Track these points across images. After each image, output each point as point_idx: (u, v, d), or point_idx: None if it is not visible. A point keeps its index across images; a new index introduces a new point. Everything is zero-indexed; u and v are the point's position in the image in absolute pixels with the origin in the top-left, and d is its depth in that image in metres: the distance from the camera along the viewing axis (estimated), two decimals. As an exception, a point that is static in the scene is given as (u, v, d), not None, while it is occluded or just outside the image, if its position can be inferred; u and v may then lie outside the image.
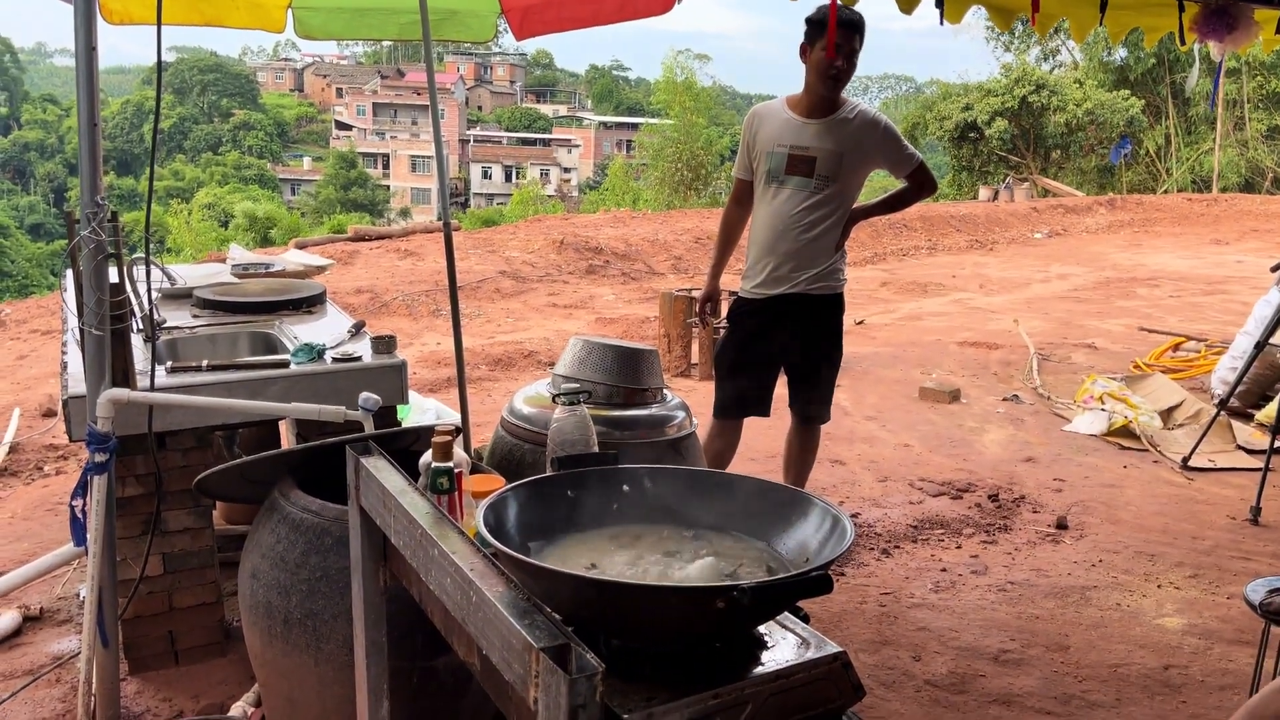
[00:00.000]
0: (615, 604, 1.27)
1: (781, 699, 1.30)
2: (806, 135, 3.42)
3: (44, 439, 5.09)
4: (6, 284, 34.64)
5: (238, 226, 33.84)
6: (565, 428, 1.92)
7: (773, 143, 3.48)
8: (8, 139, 56.94)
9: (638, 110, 70.23)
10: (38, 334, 7.72)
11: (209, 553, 2.91)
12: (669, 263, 11.40)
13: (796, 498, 1.53)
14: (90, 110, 2.24)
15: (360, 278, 9.40)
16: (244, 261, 4.41)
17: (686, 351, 6.80)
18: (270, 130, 60.09)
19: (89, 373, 2.41)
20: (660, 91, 32.13)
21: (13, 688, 2.77)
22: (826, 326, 3.58)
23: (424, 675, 2.27)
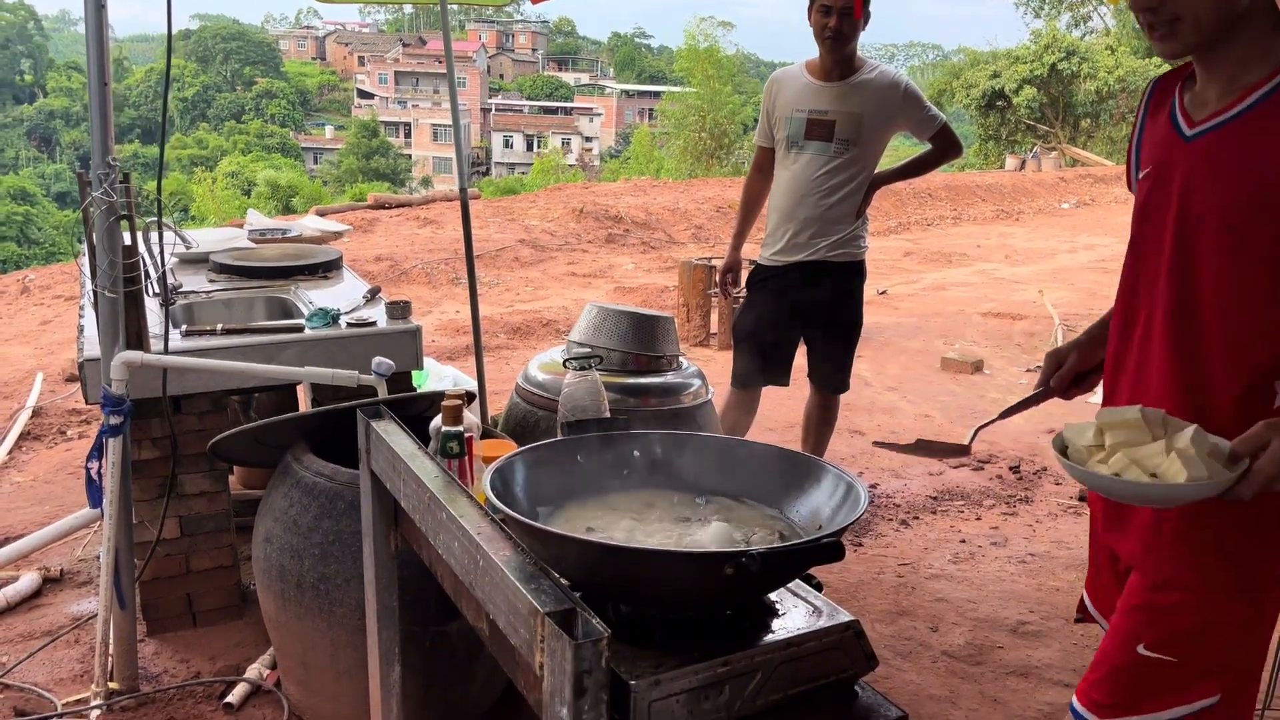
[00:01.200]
0: (623, 569, 1.25)
1: (792, 667, 1.28)
2: (825, 99, 3.36)
3: (66, 403, 5.13)
4: (34, 251, 34.96)
5: (260, 195, 33.95)
6: (576, 393, 1.89)
7: (791, 108, 3.42)
8: (33, 107, 57.25)
9: (660, 79, 69.69)
10: (61, 299, 7.78)
11: (225, 516, 2.92)
12: (689, 232, 11.33)
13: (810, 464, 1.50)
14: (100, 70, 2.22)
15: (380, 245, 9.40)
16: (261, 227, 4.40)
17: (705, 321, 6.77)
18: (292, 99, 60.09)
19: (102, 335, 2.41)
20: (683, 59, 31.80)
21: (32, 648, 2.80)
22: (846, 294, 3.53)
23: (436, 640, 2.26)
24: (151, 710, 2.53)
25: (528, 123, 59.50)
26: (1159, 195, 1.46)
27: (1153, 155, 1.50)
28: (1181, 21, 1.35)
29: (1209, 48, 1.38)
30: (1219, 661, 1.49)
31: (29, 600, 3.09)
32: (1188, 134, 1.43)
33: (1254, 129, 1.35)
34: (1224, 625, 1.47)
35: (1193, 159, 1.41)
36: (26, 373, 5.68)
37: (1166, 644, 1.48)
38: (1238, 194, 1.36)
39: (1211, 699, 1.49)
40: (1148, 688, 1.50)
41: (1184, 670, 1.48)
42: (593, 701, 1.04)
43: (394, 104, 59.92)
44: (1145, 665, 1.50)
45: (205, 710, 2.54)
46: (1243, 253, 1.37)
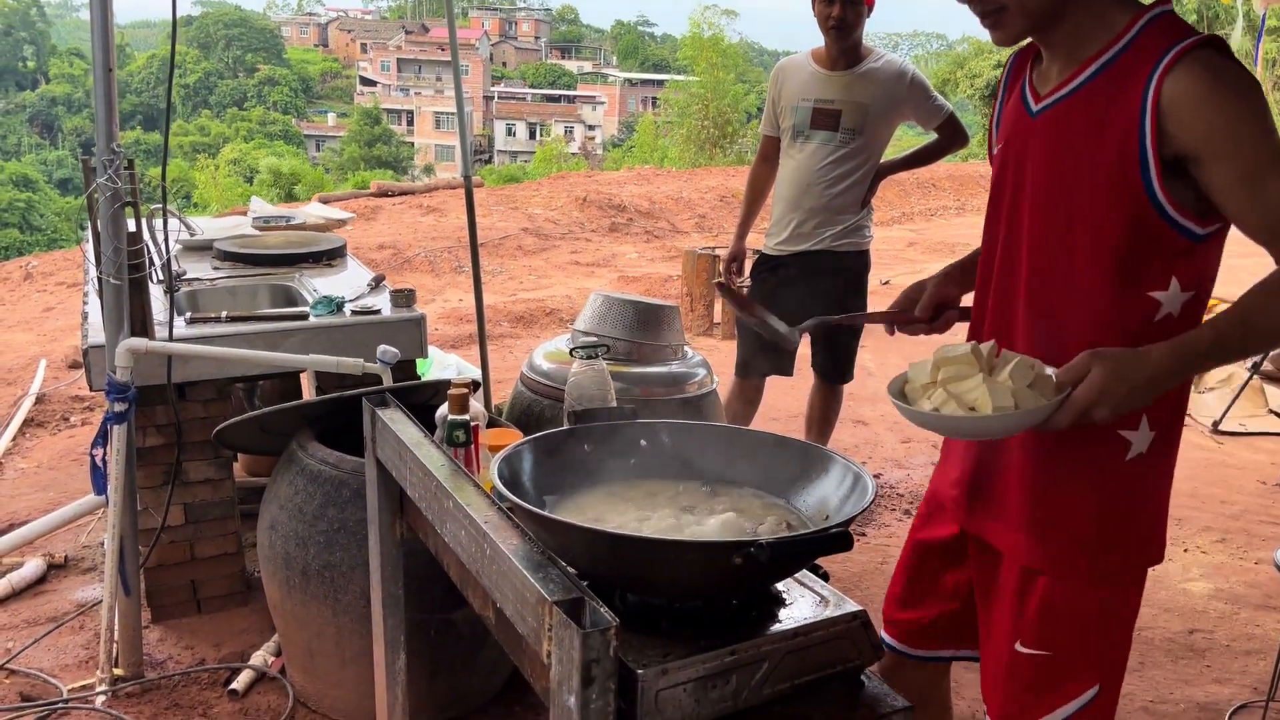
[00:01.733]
0: (631, 558, 1.24)
1: (799, 657, 1.28)
2: (831, 88, 3.35)
3: (70, 390, 5.14)
4: (36, 237, 34.95)
5: (262, 182, 33.90)
6: (582, 382, 1.89)
7: (797, 97, 3.41)
8: (35, 93, 57.14)
9: (663, 67, 69.46)
10: (64, 286, 7.78)
11: (230, 503, 2.92)
12: (693, 221, 11.31)
13: (817, 454, 1.50)
14: (105, 56, 2.22)
15: (383, 233, 9.39)
16: (265, 214, 4.40)
17: (709, 310, 6.76)
18: (295, 86, 59.95)
19: (107, 322, 2.40)
20: (687, 47, 31.67)
21: (37, 634, 2.81)
22: (851, 284, 3.52)
23: (441, 627, 2.27)
24: (157, 696, 2.54)
25: (530, 111, 59.35)
26: (1008, 171, 1.48)
27: (1004, 131, 1.51)
28: (1007, 10, 1.36)
29: (1042, 29, 1.39)
30: (1093, 649, 1.50)
31: (34, 586, 3.10)
32: (1034, 109, 1.44)
33: (1091, 101, 1.36)
34: (1088, 611, 1.48)
35: (1037, 134, 1.43)
36: (30, 359, 5.69)
37: (1042, 639, 1.49)
38: (1074, 166, 1.37)
39: (1092, 690, 1.50)
40: (1032, 688, 1.51)
41: (1061, 663, 1.49)
42: (600, 690, 1.04)
43: (396, 91, 59.78)
44: (1024, 664, 1.50)
45: (210, 697, 2.55)
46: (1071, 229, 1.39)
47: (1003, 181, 1.50)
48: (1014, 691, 1.53)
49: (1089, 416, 1.28)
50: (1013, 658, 1.52)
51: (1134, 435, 1.42)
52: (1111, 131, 1.33)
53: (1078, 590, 1.48)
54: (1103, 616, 1.49)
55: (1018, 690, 1.53)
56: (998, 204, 1.51)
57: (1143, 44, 1.33)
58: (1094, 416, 1.28)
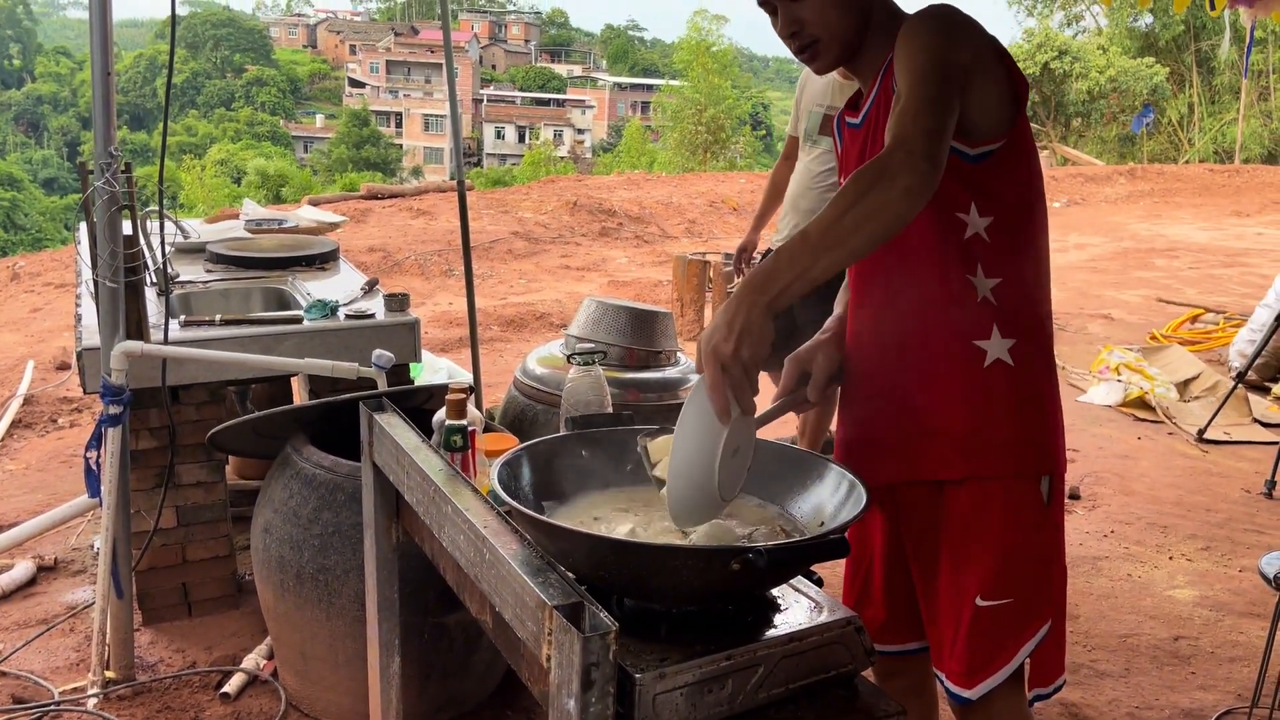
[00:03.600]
0: (630, 564, 1.26)
1: (794, 661, 1.30)
2: (842, 96, 3.41)
3: (58, 391, 5.12)
4: (21, 237, 34.75)
5: (250, 183, 33.81)
6: (580, 388, 1.90)
7: (813, 102, 3.52)
8: (21, 92, 56.81)
9: (653, 71, 69.58)
10: (51, 287, 7.74)
11: (222, 506, 2.92)
12: (683, 226, 11.34)
13: (812, 461, 1.52)
14: (104, 59, 2.22)
15: (373, 236, 9.38)
16: (257, 217, 4.40)
17: (700, 316, 6.78)
18: (283, 87, 59.79)
19: (103, 325, 2.41)
20: (683, 51, 31.76)
21: (28, 636, 2.80)
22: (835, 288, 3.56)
23: (435, 631, 2.28)
24: (148, 699, 2.54)
25: (520, 114, 59.34)
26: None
27: (846, 158, 1.68)
28: (820, 41, 1.53)
29: (850, 57, 1.57)
30: (1042, 584, 1.59)
31: (24, 588, 3.09)
32: (858, 122, 1.61)
33: (884, 93, 1.52)
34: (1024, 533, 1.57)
35: (863, 137, 1.59)
36: (17, 360, 5.66)
37: (998, 586, 1.56)
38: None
39: (1045, 626, 1.59)
40: (995, 638, 1.57)
41: (1019, 608, 1.57)
42: (600, 694, 1.05)
43: (385, 93, 59.66)
44: (985, 616, 1.56)
45: (202, 700, 2.55)
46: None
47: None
48: (978, 647, 1.58)
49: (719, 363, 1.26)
50: (974, 614, 1.57)
51: (986, 344, 1.53)
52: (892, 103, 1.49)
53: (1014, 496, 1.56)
54: (1043, 546, 1.60)
55: (982, 645, 1.58)
56: None
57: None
58: (722, 356, 1.26)
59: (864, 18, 1.53)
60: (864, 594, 1.79)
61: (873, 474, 1.64)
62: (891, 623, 1.77)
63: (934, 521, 1.62)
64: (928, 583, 1.66)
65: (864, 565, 1.78)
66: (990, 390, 1.54)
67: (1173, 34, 26.48)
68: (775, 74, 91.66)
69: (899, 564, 1.71)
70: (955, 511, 1.59)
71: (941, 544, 1.61)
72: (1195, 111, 26.59)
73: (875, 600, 1.77)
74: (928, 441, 1.58)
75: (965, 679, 1.60)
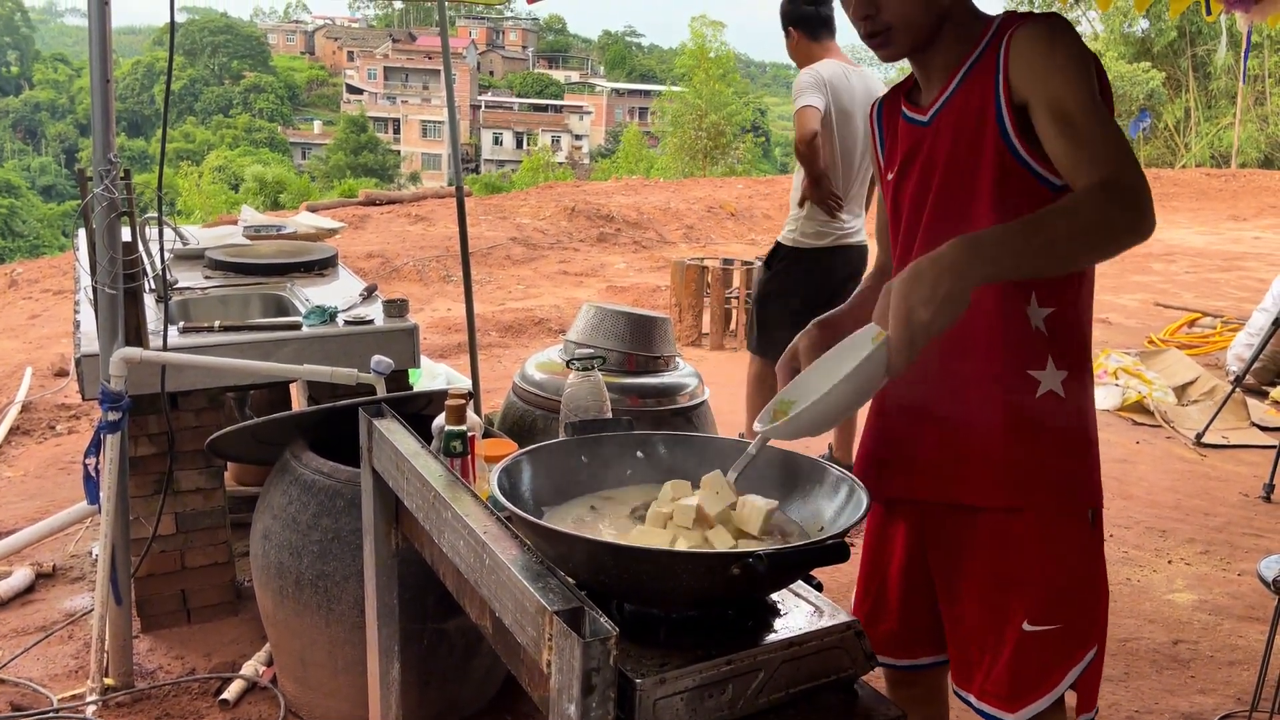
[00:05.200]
0: (629, 569, 1.26)
1: (794, 666, 1.30)
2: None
3: (56, 398, 5.12)
4: (19, 244, 34.74)
5: (248, 190, 33.81)
6: (579, 393, 1.91)
7: None
8: (19, 99, 56.83)
9: (651, 77, 69.70)
10: (49, 293, 7.74)
11: (221, 512, 2.92)
12: (681, 231, 11.35)
13: (811, 466, 1.52)
14: (103, 66, 2.22)
15: (371, 242, 9.38)
16: (256, 223, 4.40)
17: (698, 321, 6.79)
18: (281, 93, 59.85)
19: (102, 331, 2.41)
20: (685, 57, 31.83)
21: (26, 643, 2.80)
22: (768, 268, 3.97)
23: (435, 637, 2.28)
24: (147, 706, 2.53)
25: (517, 120, 59.41)
26: (912, 176, 1.58)
27: (900, 150, 1.62)
28: (893, 29, 1.49)
29: (922, 50, 1.53)
30: (1089, 610, 1.57)
31: (22, 595, 3.08)
32: (925, 119, 1.56)
33: (968, 95, 1.49)
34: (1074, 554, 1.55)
35: (933, 136, 1.55)
36: (15, 367, 5.65)
37: (1047, 612, 1.54)
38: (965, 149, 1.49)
39: (1091, 651, 1.56)
40: (1041, 663, 1.55)
41: (1067, 634, 1.55)
42: (600, 699, 1.05)
43: (383, 99, 59.72)
44: (1032, 641, 1.54)
45: (201, 706, 2.55)
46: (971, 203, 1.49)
47: (903, 189, 1.60)
48: (1023, 671, 1.56)
49: (914, 328, 1.24)
50: (1020, 638, 1.54)
51: (1041, 374, 1.51)
52: (986, 108, 1.47)
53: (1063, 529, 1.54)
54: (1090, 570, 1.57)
55: (1028, 669, 1.55)
56: (899, 210, 1.62)
57: (997, 33, 1.49)
58: (918, 321, 1.24)
59: (942, 13, 1.50)
60: (878, 605, 1.77)
61: (901, 488, 1.65)
62: (906, 636, 1.75)
63: (967, 543, 1.59)
64: (956, 602, 1.63)
65: (879, 576, 1.76)
66: (1040, 421, 1.52)
67: (1168, 39, 26.52)
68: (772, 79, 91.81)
69: (919, 579, 1.69)
70: (996, 537, 1.56)
71: (976, 566, 1.59)
72: (1191, 116, 26.63)
73: (890, 612, 1.75)
74: (969, 467, 1.55)
75: (1008, 702, 1.57)
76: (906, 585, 1.71)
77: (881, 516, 1.75)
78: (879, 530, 1.77)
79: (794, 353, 1.63)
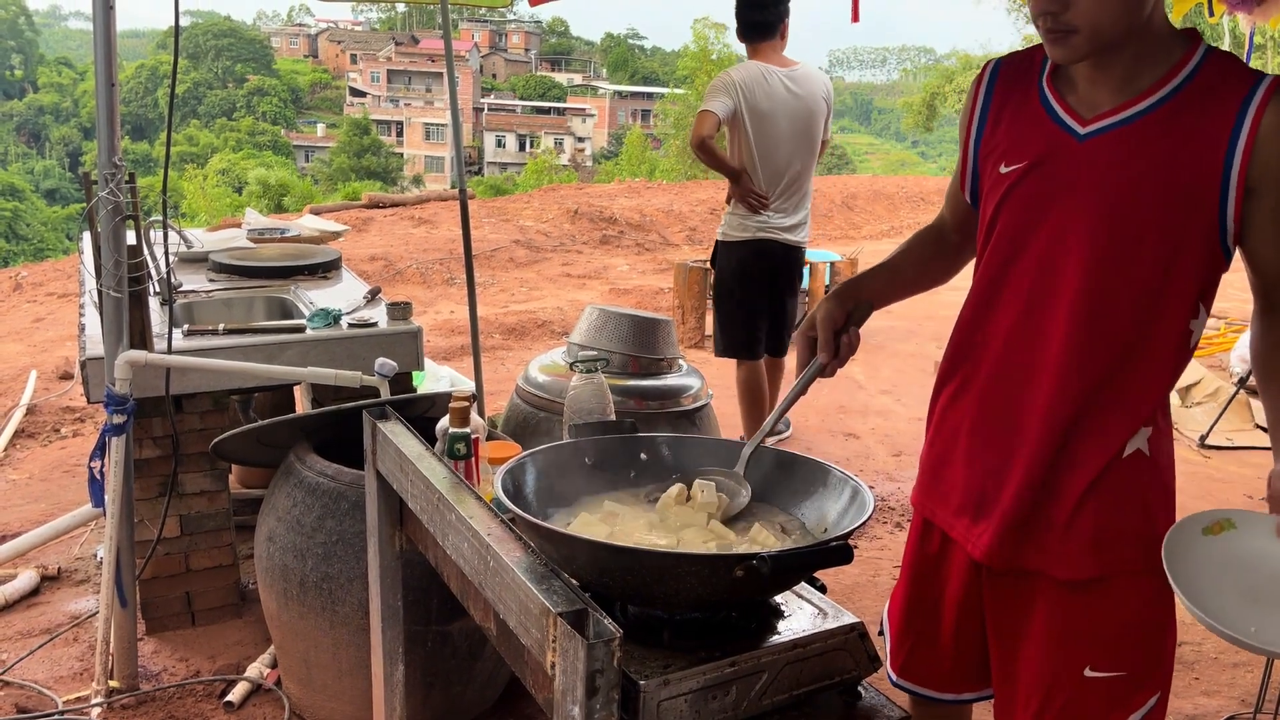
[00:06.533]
0: (633, 570, 1.26)
1: (798, 668, 1.30)
2: None
3: (60, 401, 5.13)
4: (23, 247, 34.84)
5: (251, 193, 33.85)
6: (582, 395, 1.91)
7: None
8: (23, 102, 56.98)
9: (653, 80, 69.72)
10: (54, 297, 7.75)
11: (225, 515, 2.93)
12: (684, 234, 11.35)
13: (815, 467, 1.52)
14: (108, 70, 2.23)
15: (374, 245, 9.39)
16: (260, 226, 4.41)
17: (701, 323, 6.78)
18: (284, 96, 59.94)
19: (107, 334, 2.41)
20: (688, 59, 31.85)
21: (31, 646, 2.80)
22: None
23: (439, 639, 2.28)
24: (152, 708, 2.54)
25: (520, 122, 59.46)
26: (1048, 193, 1.43)
27: (1027, 150, 1.46)
28: (1078, 33, 1.34)
29: (1101, 54, 1.38)
30: (1156, 658, 1.50)
31: (27, 598, 3.09)
32: (1081, 133, 1.41)
33: (1159, 128, 1.35)
34: (1146, 610, 1.48)
35: (1087, 157, 1.40)
36: (20, 370, 5.67)
37: (1112, 659, 1.47)
38: (1141, 190, 1.36)
39: (1154, 698, 1.50)
40: (1100, 710, 1.49)
41: (1131, 682, 1.48)
42: (604, 700, 1.06)
43: (386, 102, 59.79)
44: (1093, 688, 1.48)
45: (206, 709, 2.55)
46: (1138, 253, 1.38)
47: (1037, 203, 1.45)
48: (1080, 717, 1.50)
49: None
50: (1081, 686, 1.48)
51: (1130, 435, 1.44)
52: (1187, 158, 1.34)
53: (1137, 590, 1.47)
54: (1160, 621, 1.49)
55: (1085, 715, 1.50)
56: (1025, 223, 1.46)
57: (1210, 76, 1.36)
58: None
59: (1137, 26, 1.35)
60: (928, 636, 1.67)
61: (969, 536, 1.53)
62: (956, 672, 1.66)
63: (1034, 600, 1.51)
64: (1014, 647, 1.55)
65: (929, 607, 1.66)
66: (1124, 483, 1.44)
67: (1171, 40, 26.49)
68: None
69: (974, 611, 1.59)
70: (1066, 596, 1.48)
71: (1039, 620, 1.50)
72: (1195, 117, 26.59)
73: (942, 647, 1.65)
74: (1044, 532, 1.46)
75: None
76: (962, 617, 1.61)
77: (938, 546, 1.64)
78: (932, 560, 1.65)
79: (811, 322, 1.58)
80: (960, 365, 1.56)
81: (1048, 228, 1.43)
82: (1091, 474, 1.43)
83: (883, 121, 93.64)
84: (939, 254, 1.74)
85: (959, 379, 1.56)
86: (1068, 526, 1.45)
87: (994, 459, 1.49)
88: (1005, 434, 1.48)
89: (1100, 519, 1.44)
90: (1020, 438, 1.46)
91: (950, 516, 1.57)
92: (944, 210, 1.73)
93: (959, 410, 1.55)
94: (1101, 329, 1.41)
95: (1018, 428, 1.46)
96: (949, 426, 1.57)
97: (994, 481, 1.49)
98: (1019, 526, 1.47)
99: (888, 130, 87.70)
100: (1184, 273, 1.38)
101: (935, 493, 1.60)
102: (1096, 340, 1.41)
